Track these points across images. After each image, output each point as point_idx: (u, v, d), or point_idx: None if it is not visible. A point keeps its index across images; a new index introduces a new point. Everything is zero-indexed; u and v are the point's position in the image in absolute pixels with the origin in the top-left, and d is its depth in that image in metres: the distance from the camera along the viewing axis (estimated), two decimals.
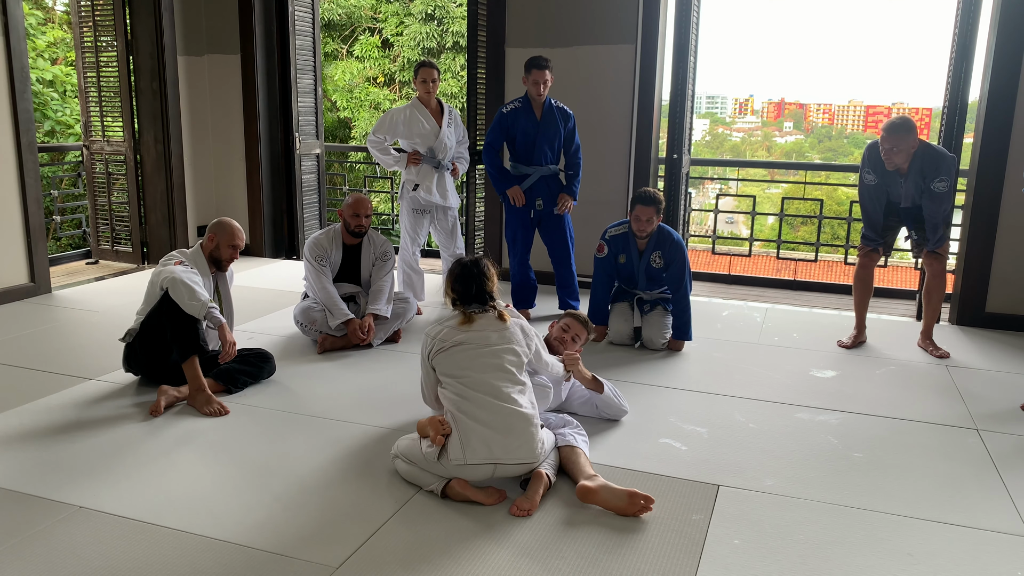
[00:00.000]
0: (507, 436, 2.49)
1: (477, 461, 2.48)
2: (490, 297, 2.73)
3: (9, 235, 4.95)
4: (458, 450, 2.49)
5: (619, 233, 4.23)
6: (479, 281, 2.70)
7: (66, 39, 11.17)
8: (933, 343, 4.27)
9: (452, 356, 2.61)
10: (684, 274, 4.16)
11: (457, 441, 2.49)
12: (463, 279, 2.70)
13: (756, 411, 3.39)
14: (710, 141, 55.32)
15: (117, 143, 6.04)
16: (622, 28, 5.26)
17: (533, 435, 2.53)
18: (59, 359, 3.87)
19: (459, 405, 2.54)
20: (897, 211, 4.20)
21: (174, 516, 2.43)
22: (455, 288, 2.72)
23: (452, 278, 2.74)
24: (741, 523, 2.47)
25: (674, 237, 4.18)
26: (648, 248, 4.18)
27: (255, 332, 4.35)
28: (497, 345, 2.63)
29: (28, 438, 2.97)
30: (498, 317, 2.69)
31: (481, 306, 2.70)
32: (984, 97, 4.61)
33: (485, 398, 2.53)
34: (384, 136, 4.83)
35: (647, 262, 4.19)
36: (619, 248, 4.24)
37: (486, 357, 2.60)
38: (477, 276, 2.70)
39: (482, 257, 2.79)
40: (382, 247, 4.27)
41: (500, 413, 2.51)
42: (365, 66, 14.47)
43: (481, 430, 2.49)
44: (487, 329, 2.65)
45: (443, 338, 2.64)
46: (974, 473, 2.86)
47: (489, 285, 2.72)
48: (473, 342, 2.62)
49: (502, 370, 2.60)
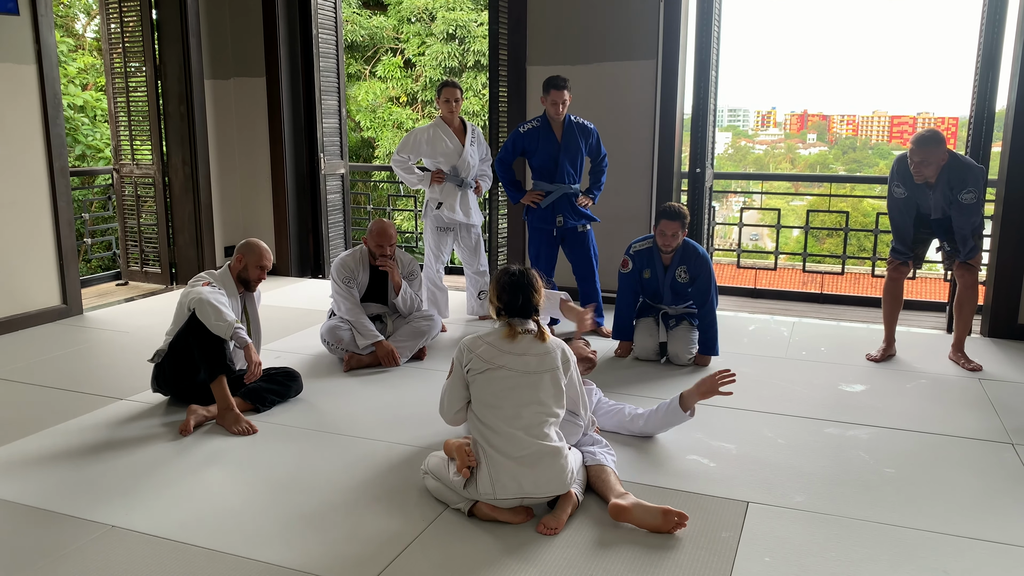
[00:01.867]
0: (536, 470, 2.47)
1: (506, 496, 2.48)
2: (535, 311, 2.66)
3: (42, 258, 5.05)
4: (488, 485, 2.47)
5: (644, 248, 4.22)
6: (527, 293, 2.63)
7: (96, 65, 11.41)
8: (965, 356, 4.21)
9: (491, 382, 2.55)
10: (710, 288, 4.14)
11: (487, 476, 2.47)
12: (512, 289, 2.63)
13: (785, 426, 3.35)
14: (733, 154, 55.10)
15: (146, 166, 6.15)
16: (643, 44, 5.28)
17: (563, 467, 2.50)
18: (90, 380, 3.93)
19: (488, 438, 2.51)
20: (928, 223, 4.15)
21: (205, 535, 2.45)
22: (502, 298, 2.64)
23: (500, 287, 2.66)
24: (771, 540, 2.44)
25: (699, 251, 4.16)
26: (673, 263, 4.16)
27: (282, 351, 4.39)
28: (536, 372, 2.56)
29: (60, 458, 3.02)
30: (539, 335, 2.62)
31: (524, 319, 2.64)
32: (1012, 105, 4.55)
33: (516, 433, 2.49)
34: (408, 155, 4.87)
35: (672, 277, 4.17)
36: (644, 263, 4.23)
37: (524, 389, 2.54)
38: (525, 287, 2.63)
39: (530, 268, 2.73)
40: (409, 266, 4.30)
41: (530, 448, 2.48)
42: (388, 86, 14.61)
43: (510, 465, 2.47)
44: (528, 352, 2.58)
45: (484, 357, 2.57)
46: (1010, 488, 2.80)
47: (536, 298, 2.65)
48: (515, 368, 2.55)
49: (537, 403, 2.54)
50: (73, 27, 12.46)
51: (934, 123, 60.08)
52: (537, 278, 2.70)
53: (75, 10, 12.35)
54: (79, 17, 12.58)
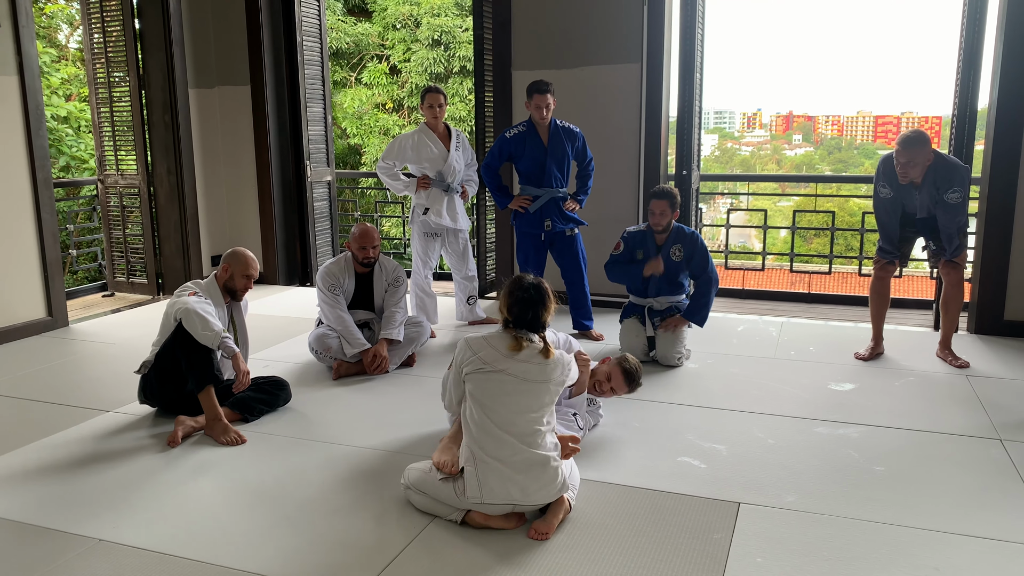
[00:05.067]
0: (526, 478, 2.46)
1: (494, 501, 2.46)
2: (543, 327, 2.63)
3: (26, 270, 5.01)
4: (475, 489, 2.46)
5: (638, 231, 4.36)
6: (536, 309, 2.60)
7: (80, 75, 11.35)
8: (952, 353, 4.23)
9: (489, 382, 2.52)
10: (707, 261, 4.25)
11: (475, 480, 2.46)
12: (523, 303, 2.59)
13: (775, 426, 3.36)
14: (719, 156, 55.30)
15: (131, 176, 6.11)
16: (627, 47, 5.29)
17: (554, 477, 2.48)
18: (76, 392, 3.89)
19: (480, 441, 2.49)
20: (913, 222, 4.17)
21: (193, 547, 2.43)
22: (512, 310, 2.60)
23: (512, 299, 2.61)
24: (763, 541, 2.44)
25: (694, 233, 4.31)
26: (667, 243, 4.27)
27: (270, 360, 4.36)
28: (536, 381, 2.53)
29: (46, 472, 2.99)
30: (543, 351, 2.57)
31: (531, 333, 2.61)
32: (993, 104, 4.59)
33: (508, 438, 2.47)
34: (393, 162, 4.86)
35: (666, 256, 4.24)
36: (637, 244, 4.32)
37: (521, 396, 2.51)
38: (536, 304, 2.60)
39: (543, 281, 2.67)
40: (394, 273, 4.28)
41: (521, 455, 2.47)
42: (374, 93, 14.60)
43: (500, 469, 2.45)
44: (530, 361, 2.54)
45: (485, 359, 2.54)
46: (999, 484, 2.82)
47: (546, 315, 2.62)
48: (515, 373, 2.52)
49: (533, 411, 2.52)
50: (56, 38, 12.38)
51: (918, 122, 60.54)
52: (550, 293, 2.65)
53: (58, 20, 12.27)
54: (62, 28, 12.51)
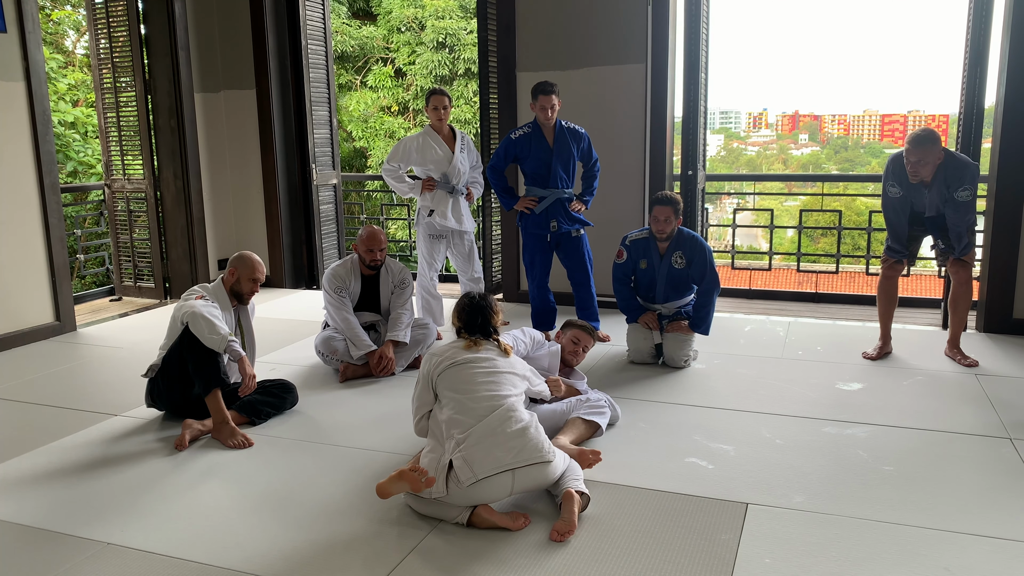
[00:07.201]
0: (510, 439, 2.51)
1: (488, 472, 2.47)
2: (494, 331, 2.90)
3: (34, 275, 5.03)
4: (467, 471, 2.47)
5: (640, 238, 4.26)
6: (484, 314, 2.88)
7: (86, 81, 11.40)
8: (961, 352, 4.21)
9: (459, 371, 2.71)
10: (708, 263, 4.16)
11: (462, 464, 2.48)
12: (469, 311, 2.89)
13: (783, 427, 3.35)
14: (725, 156, 55.24)
15: (137, 181, 6.13)
16: (632, 48, 5.28)
17: (538, 438, 2.57)
18: (84, 396, 3.91)
19: (459, 423, 2.57)
20: (922, 220, 4.15)
21: (201, 550, 2.43)
22: (461, 318, 2.90)
23: (459, 310, 2.93)
24: (771, 541, 2.43)
25: (694, 236, 4.21)
26: (669, 250, 4.19)
27: (277, 363, 4.37)
28: (502, 371, 2.75)
29: (55, 476, 3.00)
30: (501, 350, 2.84)
31: (484, 337, 2.86)
32: (1000, 101, 4.57)
33: (484, 411, 2.59)
34: (398, 164, 4.87)
35: (669, 264, 4.19)
36: (640, 253, 4.25)
37: (491, 376, 2.71)
38: (482, 310, 2.89)
39: (489, 294, 3.01)
40: (400, 275, 4.29)
41: (502, 424, 2.55)
42: (379, 96, 14.62)
43: (482, 440, 2.51)
44: (491, 353, 2.81)
45: (451, 357, 2.76)
46: (1010, 484, 2.80)
47: (494, 320, 2.91)
48: (479, 362, 2.74)
49: (503, 386, 2.70)
50: (63, 44, 12.45)
51: (925, 121, 60.38)
52: (495, 303, 2.96)
53: (64, 27, 12.34)
54: (68, 34, 12.57)
